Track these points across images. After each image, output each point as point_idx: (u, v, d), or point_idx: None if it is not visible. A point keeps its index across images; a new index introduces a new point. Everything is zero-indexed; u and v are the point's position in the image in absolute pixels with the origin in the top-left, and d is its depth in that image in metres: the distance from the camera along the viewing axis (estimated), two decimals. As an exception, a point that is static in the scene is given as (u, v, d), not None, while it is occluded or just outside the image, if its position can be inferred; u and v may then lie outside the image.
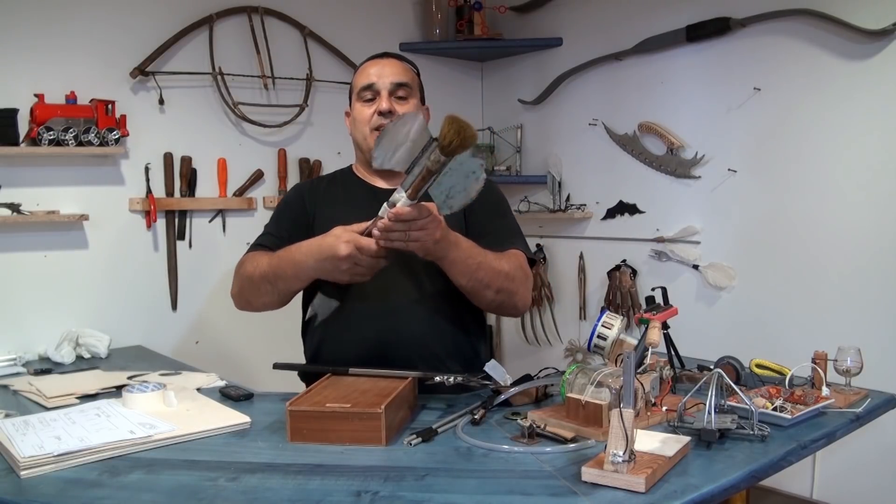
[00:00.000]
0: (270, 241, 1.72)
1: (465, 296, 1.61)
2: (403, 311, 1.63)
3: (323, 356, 1.67)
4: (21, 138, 2.39)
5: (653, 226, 3.05)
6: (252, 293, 1.66)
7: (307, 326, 1.75)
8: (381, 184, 1.76)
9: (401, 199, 1.39)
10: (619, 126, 3.12)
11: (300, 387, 1.59)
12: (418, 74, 1.80)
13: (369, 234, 1.45)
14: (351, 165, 1.86)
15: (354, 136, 1.76)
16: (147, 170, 2.69)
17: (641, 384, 1.34)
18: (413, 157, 1.39)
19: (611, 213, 3.19)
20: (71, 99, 2.46)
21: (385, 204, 1.43)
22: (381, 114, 1.67)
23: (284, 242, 1.64)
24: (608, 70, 3.15)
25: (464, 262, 1.52)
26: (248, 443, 1.32)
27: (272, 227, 1.79)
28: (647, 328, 1.49)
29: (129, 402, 1.50)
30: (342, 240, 1.45)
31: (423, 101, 1.81)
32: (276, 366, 1.61)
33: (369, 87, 1.70)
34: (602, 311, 1.64)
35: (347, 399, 1.34)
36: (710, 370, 1.45)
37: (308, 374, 1.73)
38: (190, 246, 2.84)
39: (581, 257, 3.29)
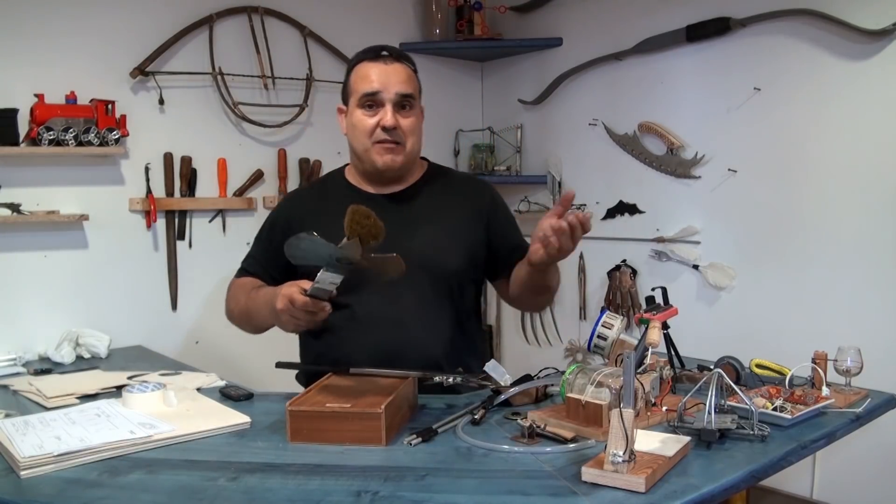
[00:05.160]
0: (255, 266, 1.79)
1: (516, 297, 1.72)
2: (407, 318, 1.63)
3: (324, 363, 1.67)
4: (21, 138, 2.39)
5: (653, 226, 3.05)
6: (236, 323, 1.80)
7: (305, 334, 1.76)
8: (372, 189, 1.73)
9: (329, 277, 1.37)
10: (619, 126, 3.12)
11: (300, 386, 1.59)
12: (416, 71, 1.73)
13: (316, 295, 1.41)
14: (345, 168, 1.82)
15: (352, 143, 1.71)
16: (147, 170, 2.69)
17: (641, 384, 1.34)
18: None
19: (611, 213, 3.19)
20: (71, 99, 2.46)
21: (318, 276, 1.37)
22: (384, 129, 1.62)
23: (266, 269, 1.74)
24: (608, 70, 3.15)
25: (557, 269, 1.65)
26: (248, 443, 1.32)
27: (257, 248, 1.82)
28: (647, 328, 1.49)
29: (129, 402, 1.50)
30: (280, 293, 1.46)
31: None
32: (279, 364, 1.61)
33: (372, 95, 1.63)
34: (602, 311, 1.64)
35: (347, 399, 1.34)
36: (710, 370, 1.45)
37: (307, 376, 1.74)
38: (190, 246, 2.84)
39: (581, 257, 3.28)
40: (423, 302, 1.64)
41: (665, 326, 1.59)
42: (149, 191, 2.69)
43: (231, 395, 1.62)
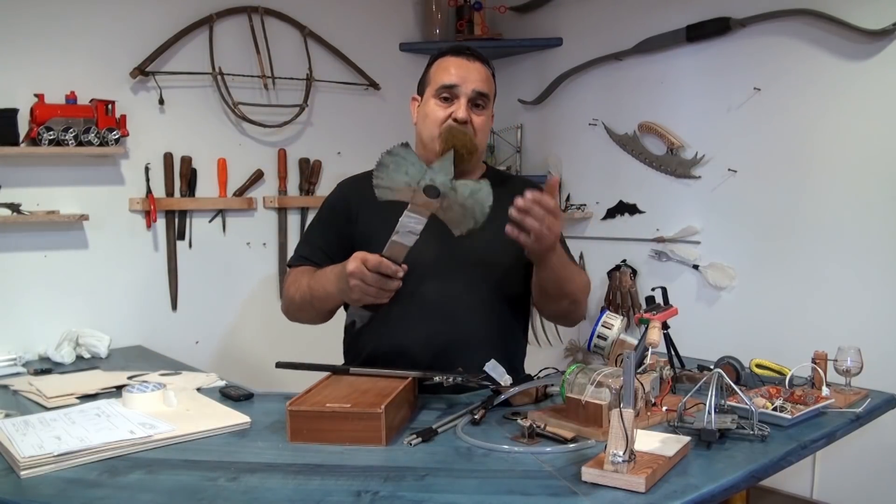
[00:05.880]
0: (314, 253, 1.74)
1: (538, 302, 1.67)
2: (460, 315, 1.62)
3: (372, 359, 1.66)
4: (21, 138, 2.39)
5: (653, 226, 3.05)
6: (297, 313, 1.75)
7: (349, 330, 1.75)
8: None
9: (411, 221, 1.38)
10: (619, 126, 3.12)
11: (301, 386, 1.58)
12: (494, 76, 1.75)
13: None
14: None
15: (420, 131, 1.71)
16: (147, 170, 2.69)
17: (641, 384, 1.34)
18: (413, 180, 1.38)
19: (611, 213, 3.19)
20: (71, 99, 2.46)
21: (400, 221, 1.40)
22: (456, 121, 1.63)
23: (327, 254, 1.69)
24: (608, 70, 3.15)
25: (561, 268, 1.56)
26: (248, 443, 1.32)
27: (316, 235, 1.79)
28: (647, 328, 1.49)
29: (129, 402, 1.50)
30: (352, 257, 1.45)
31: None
32: (279, 364, 1.61)
33: (450, 87, 1.64)
34: (602, 311, 1.65)
35: (347, 399, 1.34)
36: (710, 370, 1.45)
37: (352, 352, 1.74)
38: (190, 246, 2.84)
39: (581, 257, 3.28)
40: (476, 300, 1.63)
41: (665, 326, 1.59)
42: (149, 191, 2.69)
43: (231, 395, 1.62)
